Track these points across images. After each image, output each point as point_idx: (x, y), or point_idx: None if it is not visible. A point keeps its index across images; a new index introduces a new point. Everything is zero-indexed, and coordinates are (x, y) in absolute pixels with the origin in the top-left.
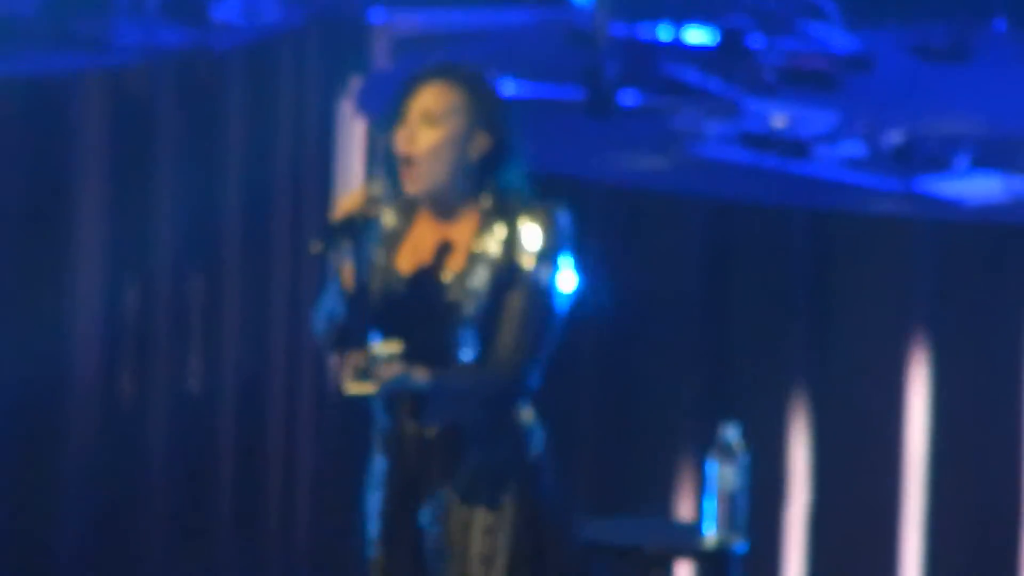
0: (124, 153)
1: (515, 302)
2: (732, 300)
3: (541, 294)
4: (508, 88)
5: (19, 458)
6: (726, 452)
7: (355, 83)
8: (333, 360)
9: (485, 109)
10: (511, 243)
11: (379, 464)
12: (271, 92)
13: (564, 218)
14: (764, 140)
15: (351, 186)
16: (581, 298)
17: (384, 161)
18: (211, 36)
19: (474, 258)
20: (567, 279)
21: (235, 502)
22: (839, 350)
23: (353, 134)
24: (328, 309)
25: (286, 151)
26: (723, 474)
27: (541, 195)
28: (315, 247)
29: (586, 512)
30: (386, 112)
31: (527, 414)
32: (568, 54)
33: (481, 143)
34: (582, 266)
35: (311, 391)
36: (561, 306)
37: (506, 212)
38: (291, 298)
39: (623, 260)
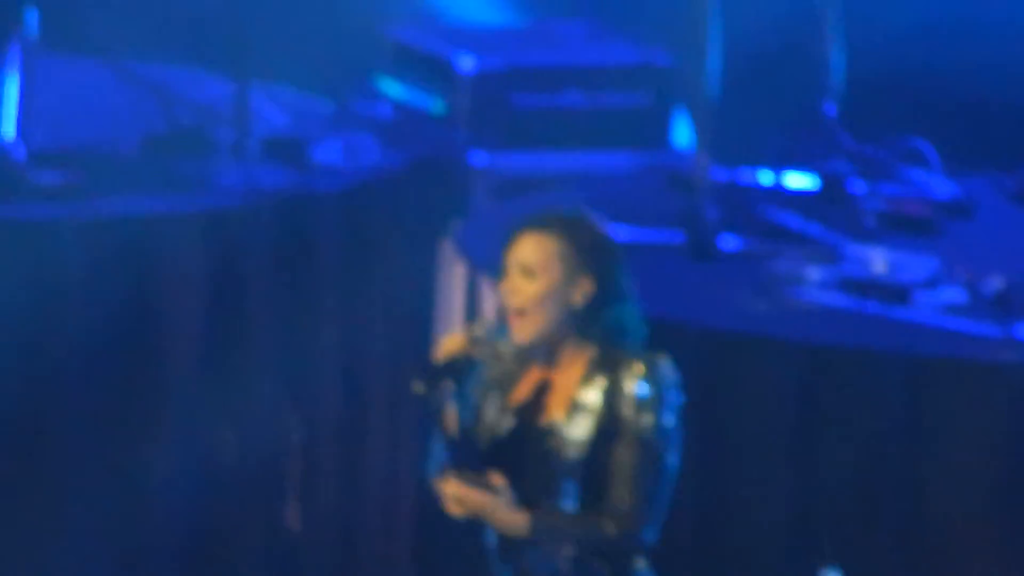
0: (222, 294)
1: (623, 456)
2: (831, 445)
3: (647, 446)
4: (611, 230)
5: None
6: None
7: (455, 225)
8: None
9: (584, 254)
10: (613, 394)
11: None
12: (371, 234)
13: (668, 368)
14: (865, 285)
15: (452, 327)
16: (684, 445)
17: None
18: (312, 178)
19: (576, 406)
20: (672, 429)
21: None
22: (936, 496)
23: (453, 276)
24: (436, 454)
25: (386, 292)
26: None
27: (649, 338)
28: (417, 388)
29: None
30: None
31: (640, 563)
32: (669, 198)
33: (585, 287)
34: (684, 413)
35: (409, 535)
36: (669, 457)
37: (611, 363)
38: (390, 441)
39: (722, 403)
